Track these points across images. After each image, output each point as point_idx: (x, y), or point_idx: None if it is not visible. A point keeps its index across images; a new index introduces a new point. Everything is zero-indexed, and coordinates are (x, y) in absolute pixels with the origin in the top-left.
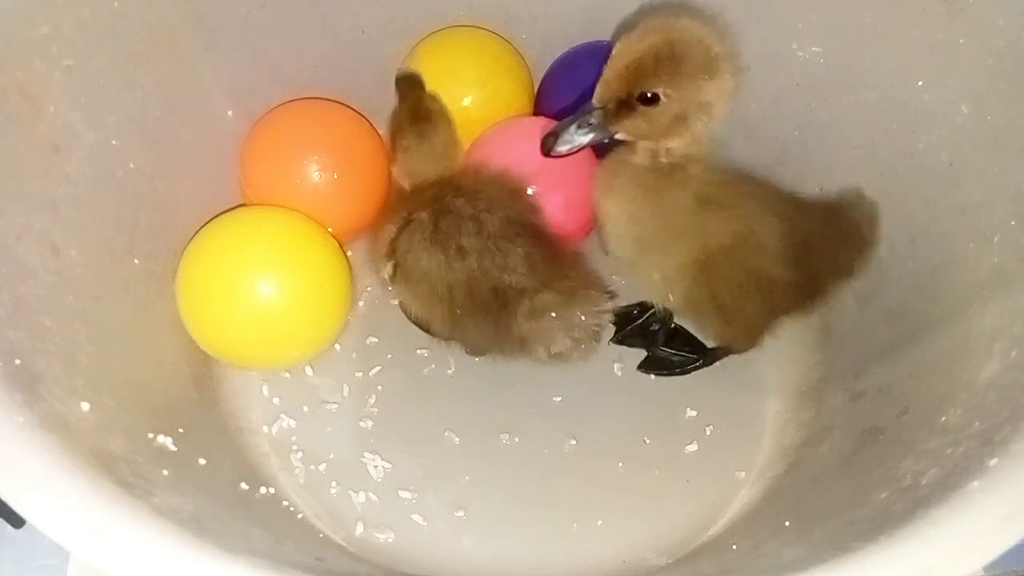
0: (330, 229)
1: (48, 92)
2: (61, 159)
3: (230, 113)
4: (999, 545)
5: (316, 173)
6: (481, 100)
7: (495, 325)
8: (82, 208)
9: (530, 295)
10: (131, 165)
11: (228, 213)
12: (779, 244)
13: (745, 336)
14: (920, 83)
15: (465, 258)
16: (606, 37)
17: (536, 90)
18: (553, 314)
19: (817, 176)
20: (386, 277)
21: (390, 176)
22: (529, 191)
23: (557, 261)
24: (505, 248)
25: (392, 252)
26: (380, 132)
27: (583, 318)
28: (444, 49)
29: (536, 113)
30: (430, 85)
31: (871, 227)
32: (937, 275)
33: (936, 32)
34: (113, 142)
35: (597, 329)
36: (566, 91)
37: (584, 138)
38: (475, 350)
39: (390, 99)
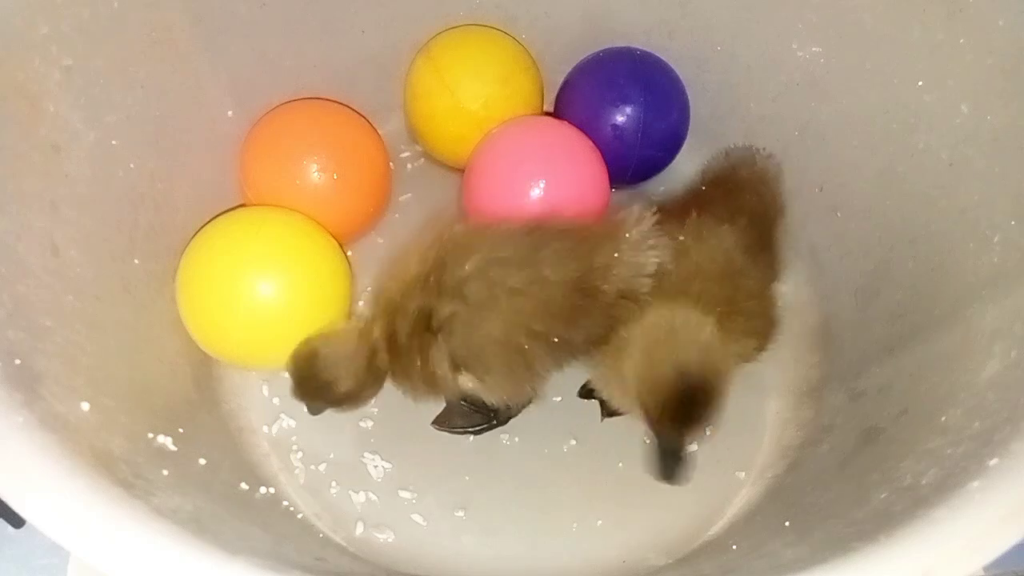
0: (330, 229)
1: (48, 92)
2: (61, 159)
3: (230, 113)
4: (999, 545)
5: (316, 173)
6: (502, 97)
7: (592, 316)
8: (82, 208)
9: (602, 273)
10: (131, 165)
11: (228, 213)
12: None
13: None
14: (920, 83)
15: (535, 280)
16: (604, 38)
17: (557, 93)
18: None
19: (817, 176)
20: (450, 371)
21: (390, 176)
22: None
23: (588, 235)
24: (540, 259)
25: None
26: (380, 132)
27: (645, 254)
28: (465, 46)
29: (556, 116)
30: (449, 80)
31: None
32: (937, 275)
33: (936, 32)
34: (113, 142)
35: (659, 251)
36: (590, 98)
37: None
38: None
39: (390, 99)
